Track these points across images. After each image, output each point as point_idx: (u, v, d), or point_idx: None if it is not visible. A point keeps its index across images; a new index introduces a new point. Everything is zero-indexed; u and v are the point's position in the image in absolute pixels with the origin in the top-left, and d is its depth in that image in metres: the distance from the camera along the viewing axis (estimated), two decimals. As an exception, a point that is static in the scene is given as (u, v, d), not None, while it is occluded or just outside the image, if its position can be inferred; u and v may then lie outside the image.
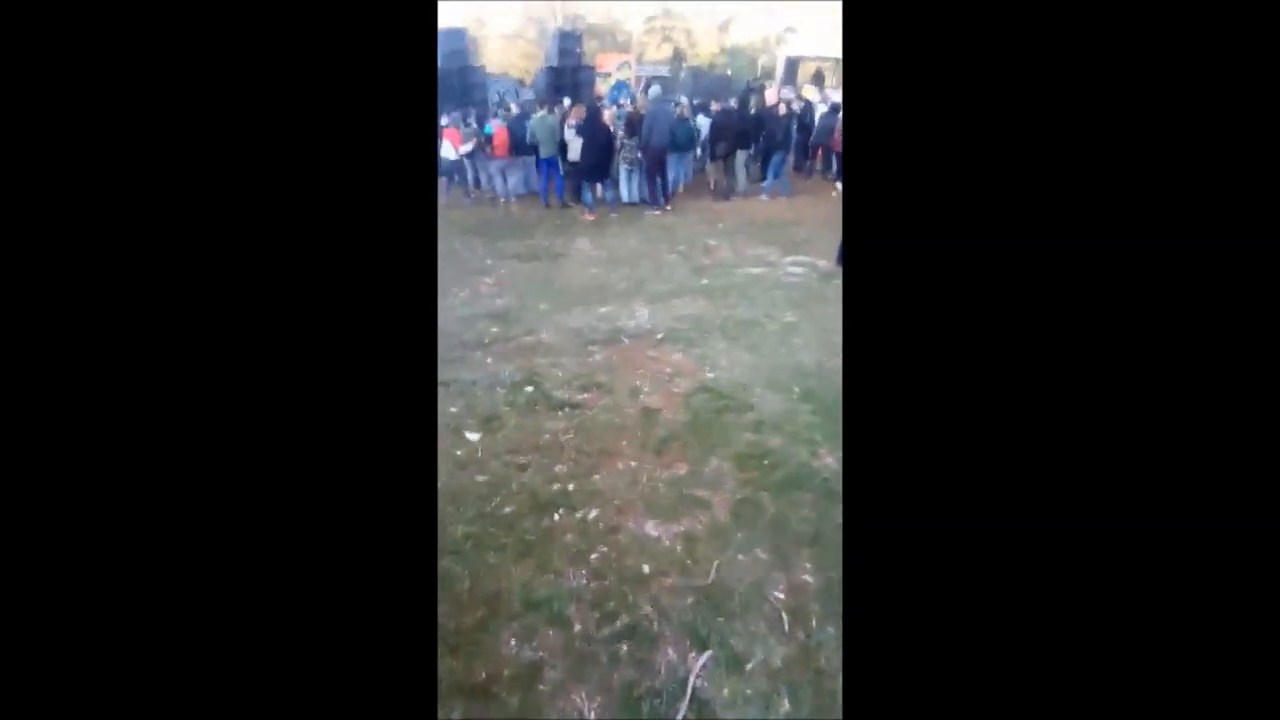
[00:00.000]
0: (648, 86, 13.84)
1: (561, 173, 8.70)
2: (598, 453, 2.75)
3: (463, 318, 4.42)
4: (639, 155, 7.93)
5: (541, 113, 8.57)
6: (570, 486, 2.52)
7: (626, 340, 3.97)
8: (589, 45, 13.50)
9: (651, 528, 2.28)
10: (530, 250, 6.35)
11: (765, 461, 2.65)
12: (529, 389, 3.32)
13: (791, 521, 2.29)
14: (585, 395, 3.26)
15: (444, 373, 3.49)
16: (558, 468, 2.64)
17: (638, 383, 3.38)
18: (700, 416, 3.03)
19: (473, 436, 2.88)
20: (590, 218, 7.76)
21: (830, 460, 2.64)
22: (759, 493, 2.45)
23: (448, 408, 3.12)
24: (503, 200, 8.95)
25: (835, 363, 3.43)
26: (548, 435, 2.89)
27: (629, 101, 11.16)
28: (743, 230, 6.96)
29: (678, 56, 19.13)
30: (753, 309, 4.50)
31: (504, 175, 9.03)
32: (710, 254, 6.10)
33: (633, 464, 2.67)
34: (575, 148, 8.26)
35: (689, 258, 6.00)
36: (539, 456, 2.72)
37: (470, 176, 9.30)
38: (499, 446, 2.81)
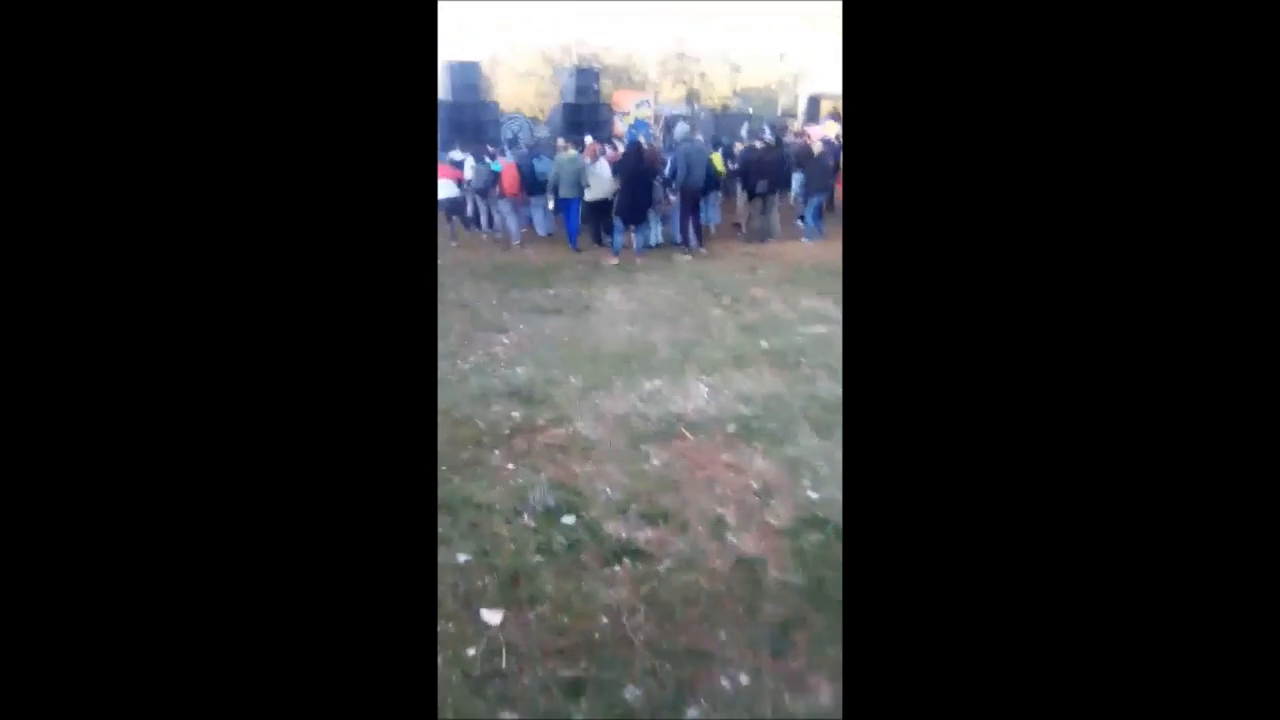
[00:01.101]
0: (668, 125, 13.17)
1: (581, 214, 7.86)
2: (684, 652, 1.74)
3: (476, 394, 3.44)
4: (670, 196, 7.06)
5: (569, 151, 7.74)
6: (652, 730, 1.51)
7: (688, 434, 2.98)
8: (604, 84, 12.81)
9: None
10: (553, 302, 5.40)
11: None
12: (568, 520, 2.32)
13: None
14: (649, 533, 2.25)
15: (454, 487, 2.50)
16: (629, 690, 1.63)
17: (718, 508, 2.38)
18: (815, 568, 2.03)
19: (491, 618, 1.87)
20: (614, 262, 6.84)
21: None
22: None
23: (455, 555, 2.12)
24: (514, 243, 8.08)
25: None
26: (605, 619, 1.87)
27: (646, 141, 10.43)
28: (787, 278, 6.02)
29: (691, 97, 18.53)
30: (835, 383, 3.52)
31: (514, 215, 8.18)
32: (759, 307, 5.15)
33: (743, 679, 1.66)
34: (596, 187, 7.42)
35: (735, 311, 5.04)
36: (595, 664, 1.71)
37: (472, 213, 8.45)
38: (532, 640, 1.79)
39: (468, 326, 4.74)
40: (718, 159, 7.72)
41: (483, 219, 8.59)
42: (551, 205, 8.27)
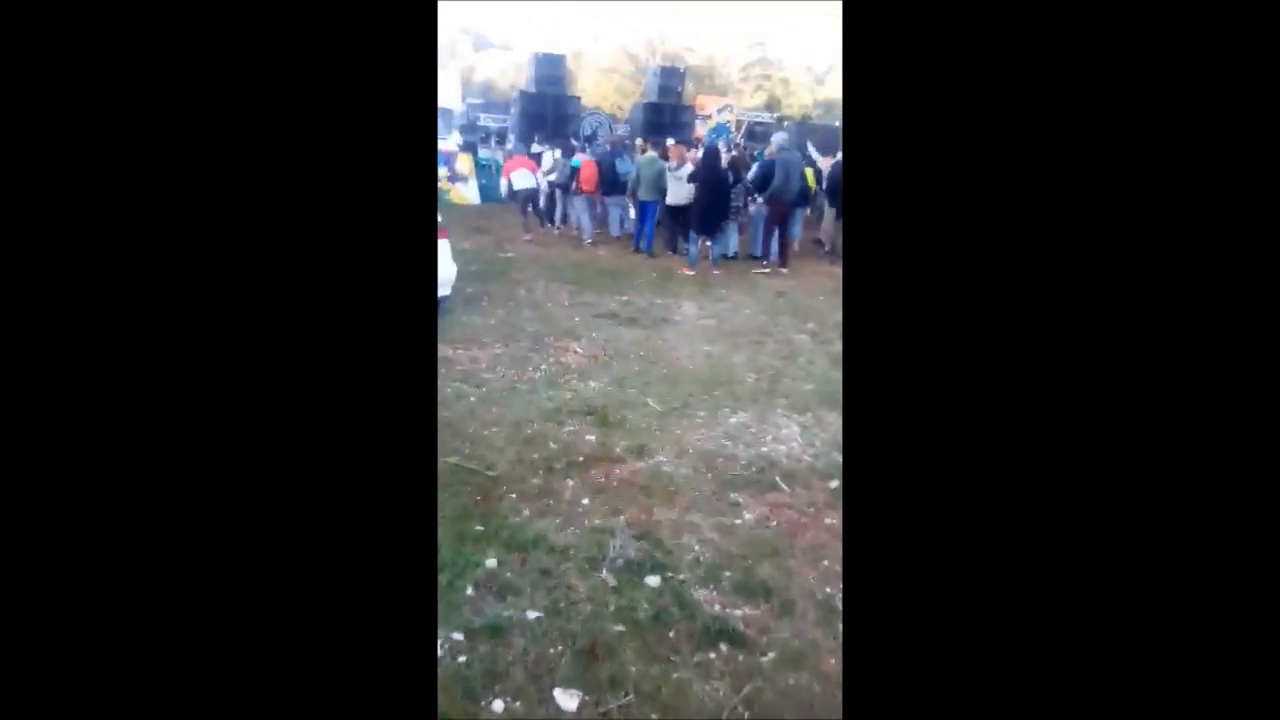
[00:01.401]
0: (750, 132, 12.77)
1: (656, 218, 7.56)
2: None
3: (549, 409, 3.17)
4: (754, 206, 6.68)
5: (650, 153, 7.47)
6: None
7: (783, 485, 2.63)
8: (687, 86, 12.48)
9: None
10: (627, 310, 5.11)
11: None
12: (653, 581, 2.00)
13: None
14: (748, 610, 1.92)
15: (523, 522, 2.23)
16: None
17: (826, 588, 2.03)
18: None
19: (566, 702, 1.57)
20: (689, 272, 6.52)
21: None
22: None
23: (524, 610, 1.83)
24: (586, 241, 7.85)
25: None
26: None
27: (727, 147, 10.06)
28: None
29: (771, 105, 18.02)
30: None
31: (589, 213, 7.95)
32: (847, 337, 4.75)
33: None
34: (676, 191, 7.11)
35: (823, 339, 4.65)
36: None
37: (546, 207, 8.21)
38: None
39: (540, 328, 4.50)
40: (809, 173, 7.30)
41: (557, 214, 8.40)
42: (630, 207, 8.03)
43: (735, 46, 18.46)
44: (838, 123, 14.81)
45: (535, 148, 9.06)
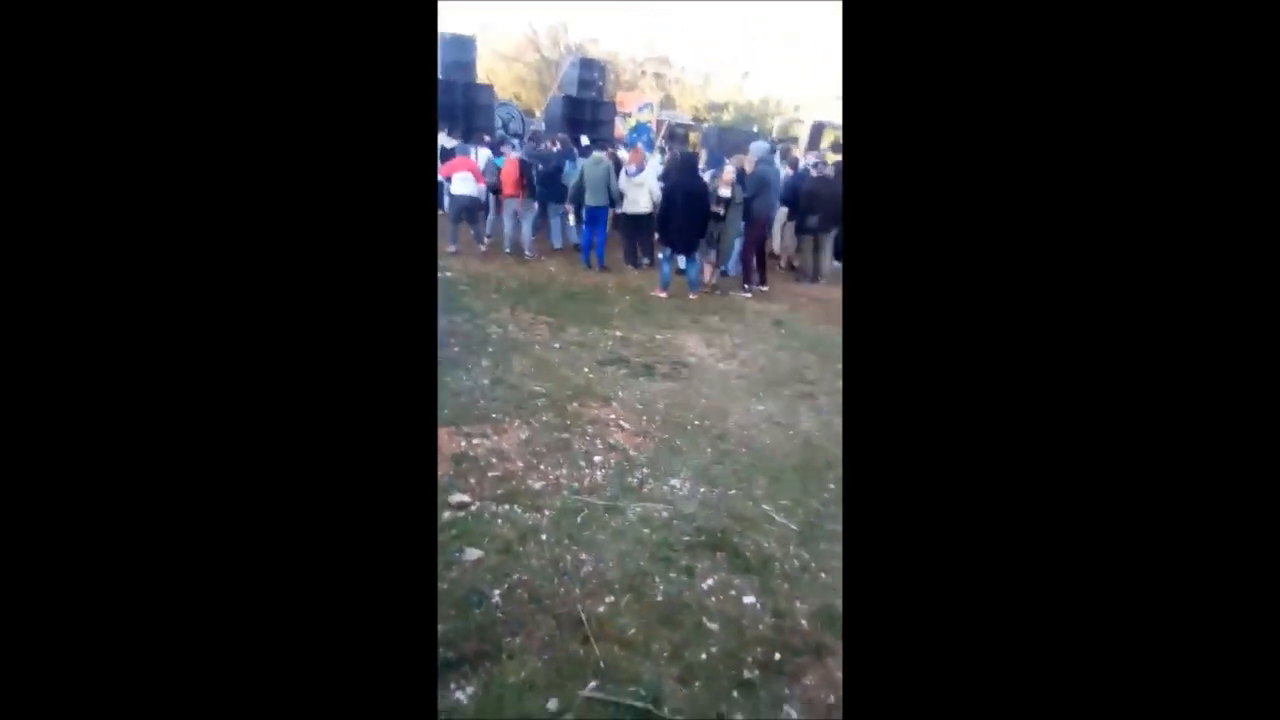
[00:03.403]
0: (671, 133, 12.00)
1: (606, 227, 6.56)
2: None
3: (655, 546, 2.17)
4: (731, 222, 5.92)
5: (597, 153, 6.41)
6: None
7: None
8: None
9: None
10: (631, 352, 4.14)
11: None
12: None
13: None
14: None
15: None
16: None
17: None
18: None
19: None
20: (662, 295, 5.63)
21: None
22: None
23: None
24: (527, 255, 6.66)
25: None
26: None
27: (646, 148, 9.23)
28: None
29: (666, 105, 17.42)
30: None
31: (516, 220, 6.72)
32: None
33: None
34: (635, 198, 6.17)
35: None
36: None
37: (484, 219, 6.86)
38: None
39: (549, 387, 3.41)
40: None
41: (488, 222, 7.07)
42: (571, 217, 6.94)
43: (630, 43, 17.61)
44: (743, 126, 14.53)
45: (446, 142, 7.60)
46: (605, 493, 2.48)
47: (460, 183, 6.13)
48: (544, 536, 2.15)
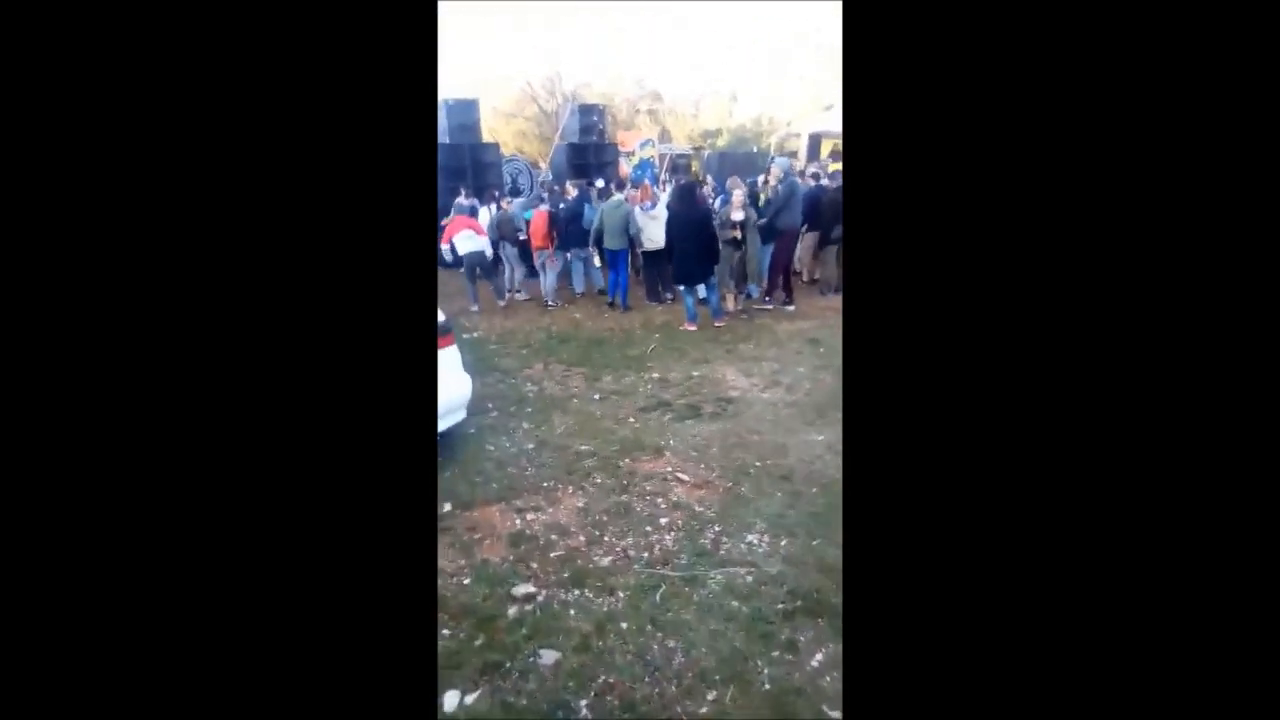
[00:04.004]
0: (673, 165, 11.98)
1: (628, 268, 6.44)
2: None
3: (760, 636, 1.94)
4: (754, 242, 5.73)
5: (616, 196, 6.33)
6: None
7: None
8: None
9: None
10: (673, 393, 3.93)
11: None
12: None
13: None
14: None
15: None
16: None
17: None
18: None
19: None
20: (692, 328, 5.44)
21: None
22: None
23: None
24: (549, 304, 6.55)
25: None
26: None
27: (653, 183, 9.16)
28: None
29: (663, 137, 17.54)
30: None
31: (550, 270, 6.66)
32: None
33: None
34: (653, 235, 6.05)
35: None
36: None
37: (495, 271, 6.76)
38: None
39: (594, 445, 3.21)
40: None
41: (506, 276, 7.00)
42: (596, 259, 6.84)
43: (622, 83, 17.84)
44: (739, 149, 14.48)
45: (461, 201, 7.62)
46: (679, 560, 2.24)
47: (464, 241, 6.08)
48: (624, 625, 1.92)
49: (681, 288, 5.58)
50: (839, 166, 9.47)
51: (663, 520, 2.51)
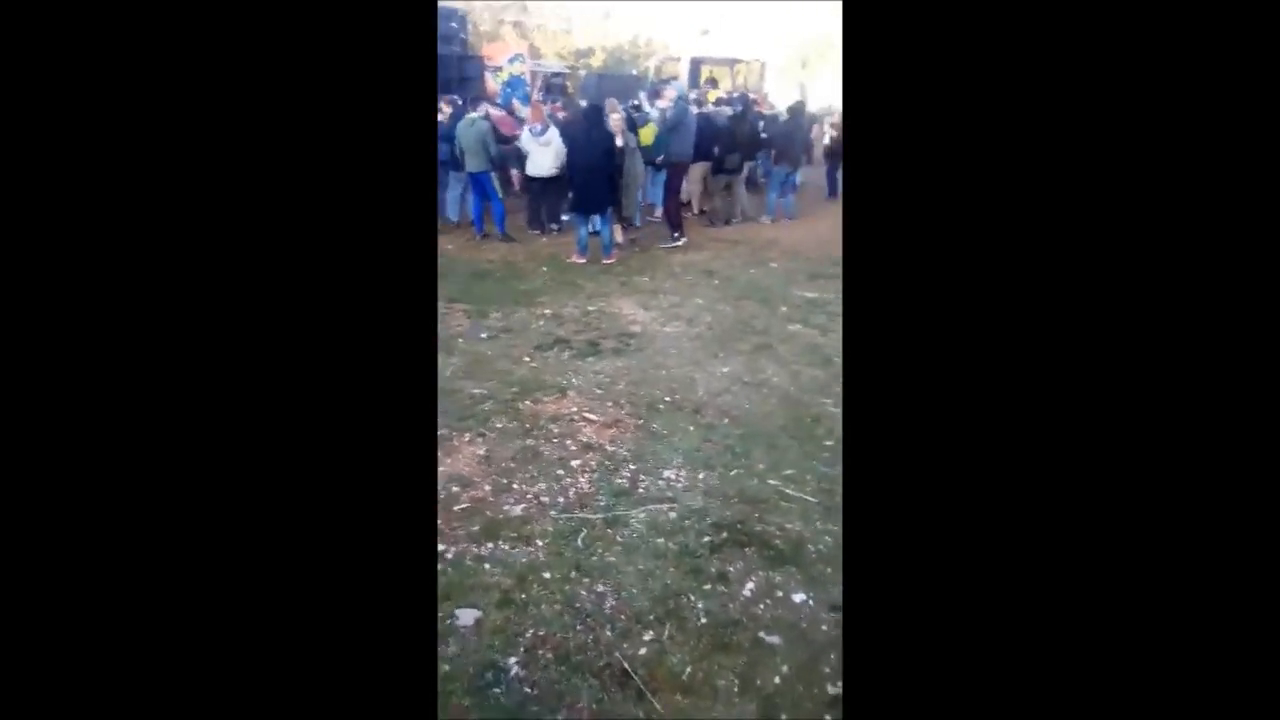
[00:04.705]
0: (547, 85, 11.16)
1: (500, 193, 5.94)
2: None
3: (686, 553, 1.89)
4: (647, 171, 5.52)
5: (472, 114, 5.73)
6: None
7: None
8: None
9: None
10: (569, 331, 3.76)
11: None
12: None
13: None
14: None
15: None
16: None
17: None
18: None
19: None
20: (580, 261, 5.22)
21: None
22: None
23: None
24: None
25: None
26: None
27: (522, 102, 8.52)
28: (809, 270, 4.99)
29: (532, 55, 16.35)
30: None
31: (419, 198, 6.02)
32: (828, 312, 4.04)
33: None
34: (539, 161, 5.64)
35: (813, 324, 3.89)
36: None
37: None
38: None
39: (492, 387, 2.98)
40: (647, 132, 6.13)
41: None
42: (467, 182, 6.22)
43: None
44: (617, 70, 13.83)
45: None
46: (598, 502, 2.15)
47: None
48: (546, 574, 1.80)
49: (573, 217, 5.29)
50: (718, 94, 9.36)
51: (574, 463, 2.39)
